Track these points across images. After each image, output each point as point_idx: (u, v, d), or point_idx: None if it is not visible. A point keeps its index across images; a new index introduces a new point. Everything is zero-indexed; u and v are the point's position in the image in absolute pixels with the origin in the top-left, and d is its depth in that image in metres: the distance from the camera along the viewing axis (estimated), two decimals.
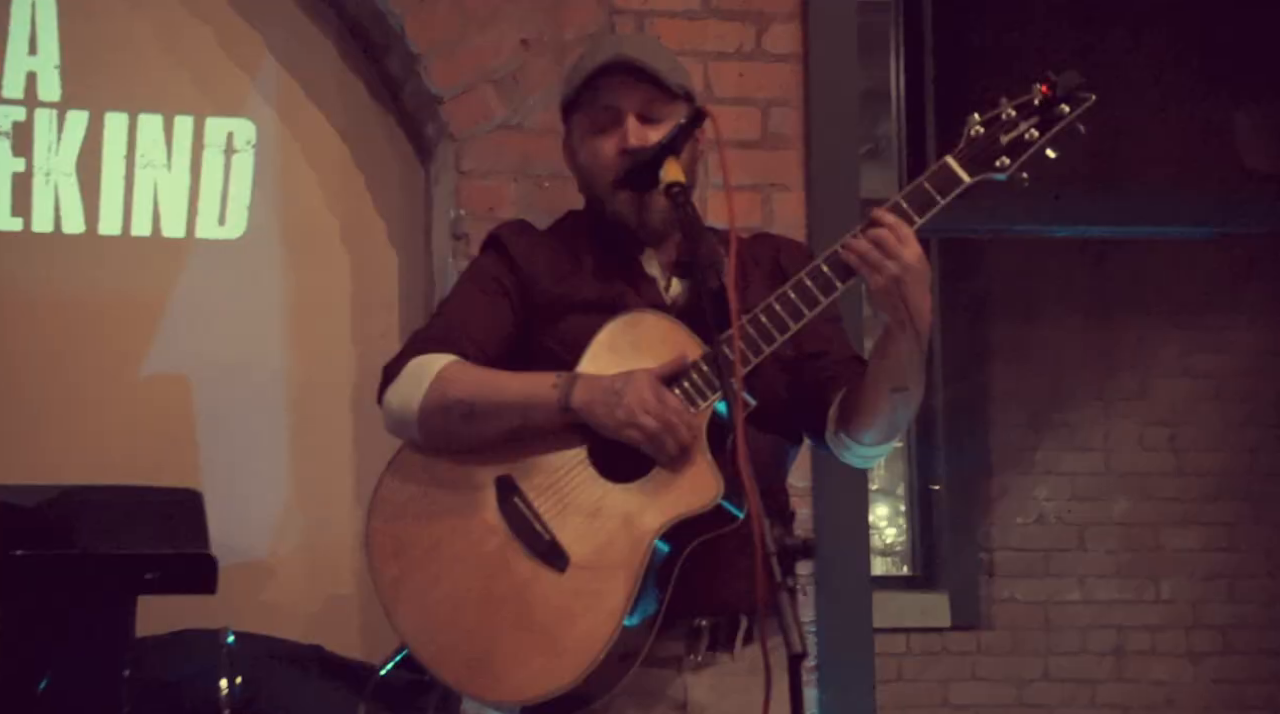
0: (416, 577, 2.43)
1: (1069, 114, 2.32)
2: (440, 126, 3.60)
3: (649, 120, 2.47)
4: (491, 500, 2.42)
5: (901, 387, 2.37)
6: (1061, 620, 5.87)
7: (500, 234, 2.60)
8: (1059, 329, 5.99)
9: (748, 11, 3.74)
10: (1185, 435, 5.99)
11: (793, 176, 3.74)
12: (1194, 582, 5.92)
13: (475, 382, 2.43)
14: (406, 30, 3.55)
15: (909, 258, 2.27)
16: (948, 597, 5.85)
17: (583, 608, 2.35)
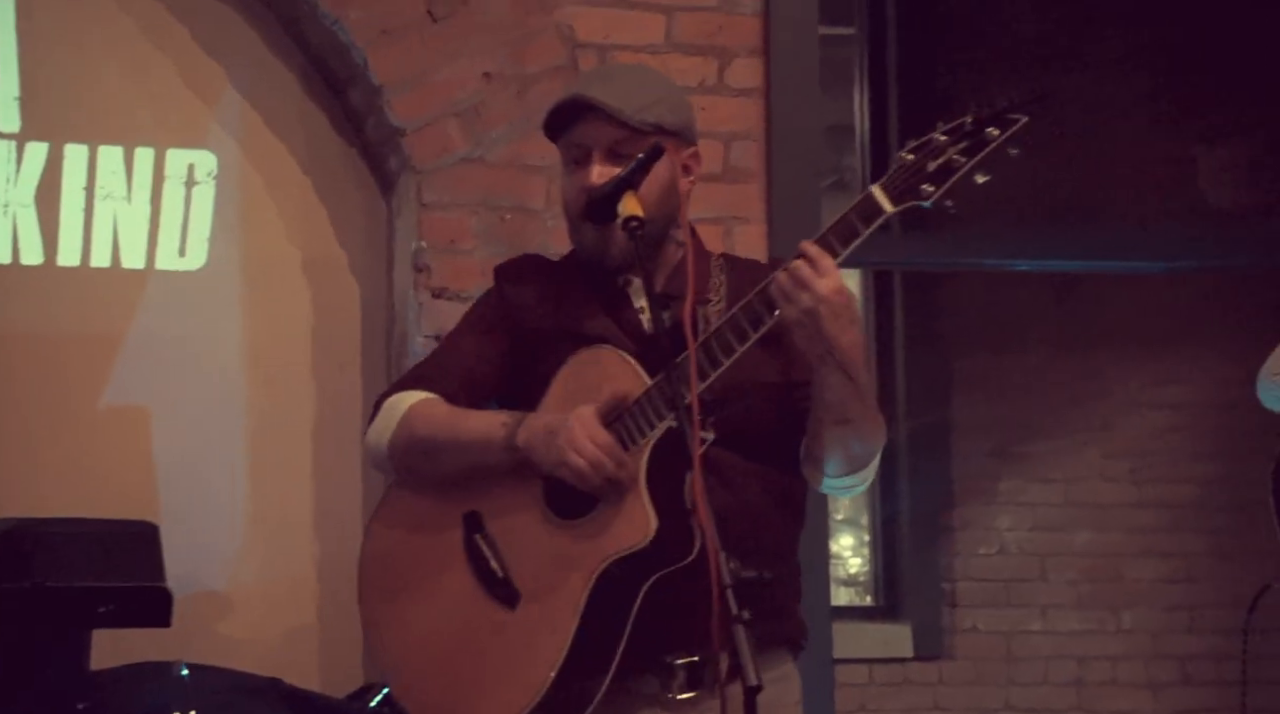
0: (395, 616, 2.53)
1: (998, 137, 2.28)
2: (402, 159, 3.61)
3: (618, 157, 2.50)
4: (459, 537, 2.48)
5: (842, 420, 2.37)
6: (1023, 651, 5.89)
7: (498, 270, 2.68)
8: (1022, 361, 6.02)
9: (710, 46, 3.77)
10: (1146, 467, 6.02)
11: (754, 209, 3.77)
12: (1154, 613, 5.94)
13: (436, 420, 2.51)
14: (369, 64, 3.56)
15: (823, 289, 2.26)
16: (910, 627, 5.86)
17: (525, 648, 2.38)
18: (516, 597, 2.42)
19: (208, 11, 3.66)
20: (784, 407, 2.50)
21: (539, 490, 2.44)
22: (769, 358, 2.49)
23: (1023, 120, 2.29)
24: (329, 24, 3.56)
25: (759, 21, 3.78)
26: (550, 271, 2.65)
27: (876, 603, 6.07)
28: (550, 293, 2.59)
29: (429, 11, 3.60)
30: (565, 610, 2.36)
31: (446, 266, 3.58)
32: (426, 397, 2.56)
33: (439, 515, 2.52)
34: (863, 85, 6.13)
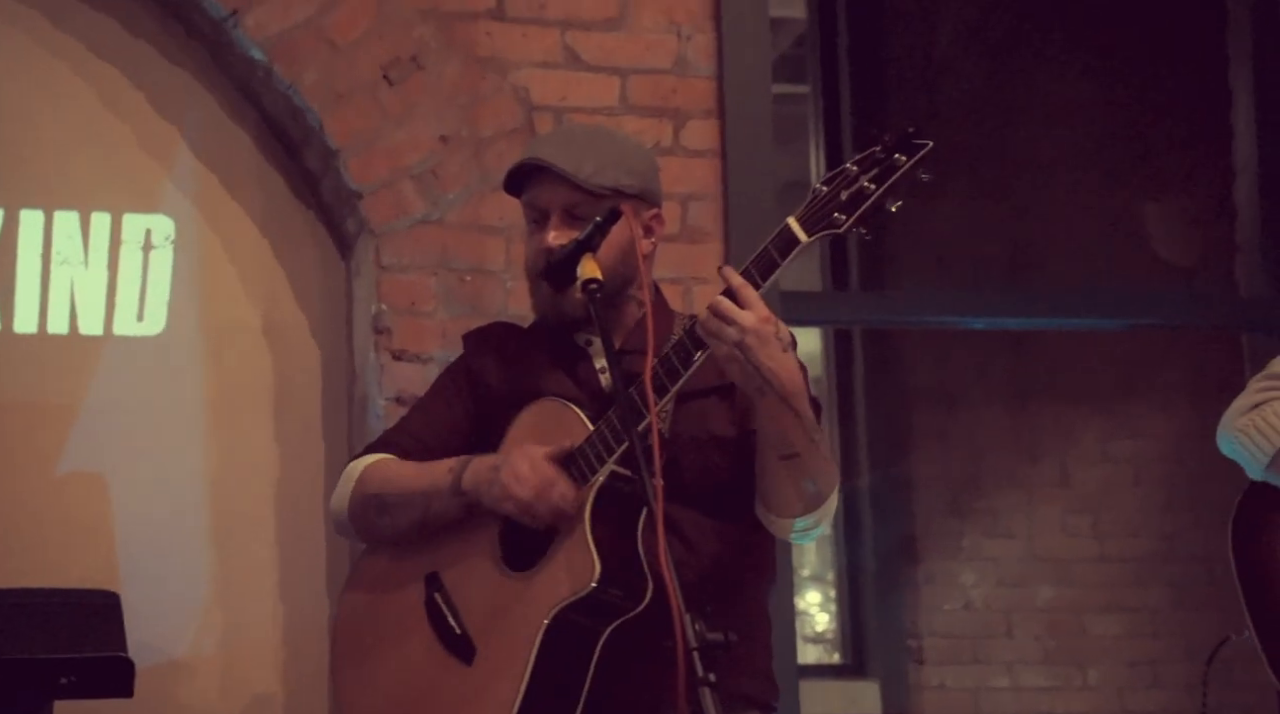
0: (362, 681, 2.55)
1: (905, 163, 2.31)
2: (360, 221, 3.61)
3: (576, 218, 2.53)
4: (421, 598, 2.48)
5: (789, 454, 2.37)
6: (991, 708, 5.89)
7: (465, 338, 2.74)
8: (980, 416, 6.05)
9: (665, 108, 3.79)
10: (1106, 521, 6.05)
11: (712, 269, 3.77)
12: (1119, 668, 5.95)
13: (386, 476, 2.54)
14: (325, 126, 3.57)
15: (749, 321, 2.26)
16: (878, 684, 5.85)
17: (481, 700, 2.39)
18: (473, 651, 2.42)
19: (162, 75, 3.66)
20: (740, 458, 2.51)
21: (494, 540, 2.45)
22: (723, 409, 2.50)
23: (928, 145, 2.33)
24: (283, 88, 3.57)
25: (713, 84, 3.81)
26: (517, 337, 2.68)
27: (844, 660, 6.06)
28: (513, 357, 2.62)
29: (384, 75, 3.61)
30: (516, 662, 2.35)
31: (407, 328, 3.57)
32: (382, 457, 2.60)
33: (403, 579, 2.54)
34: (818, 141, 6.19)
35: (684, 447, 2.46)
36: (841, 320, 5.12)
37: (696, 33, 3.81)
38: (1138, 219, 6.12)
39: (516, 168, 2.59)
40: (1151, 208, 6.12)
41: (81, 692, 2.79)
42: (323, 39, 3.57)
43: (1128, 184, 6.10)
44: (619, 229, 2.50)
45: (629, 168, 2.57)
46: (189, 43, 3.68)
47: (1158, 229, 6.11)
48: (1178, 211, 6.06)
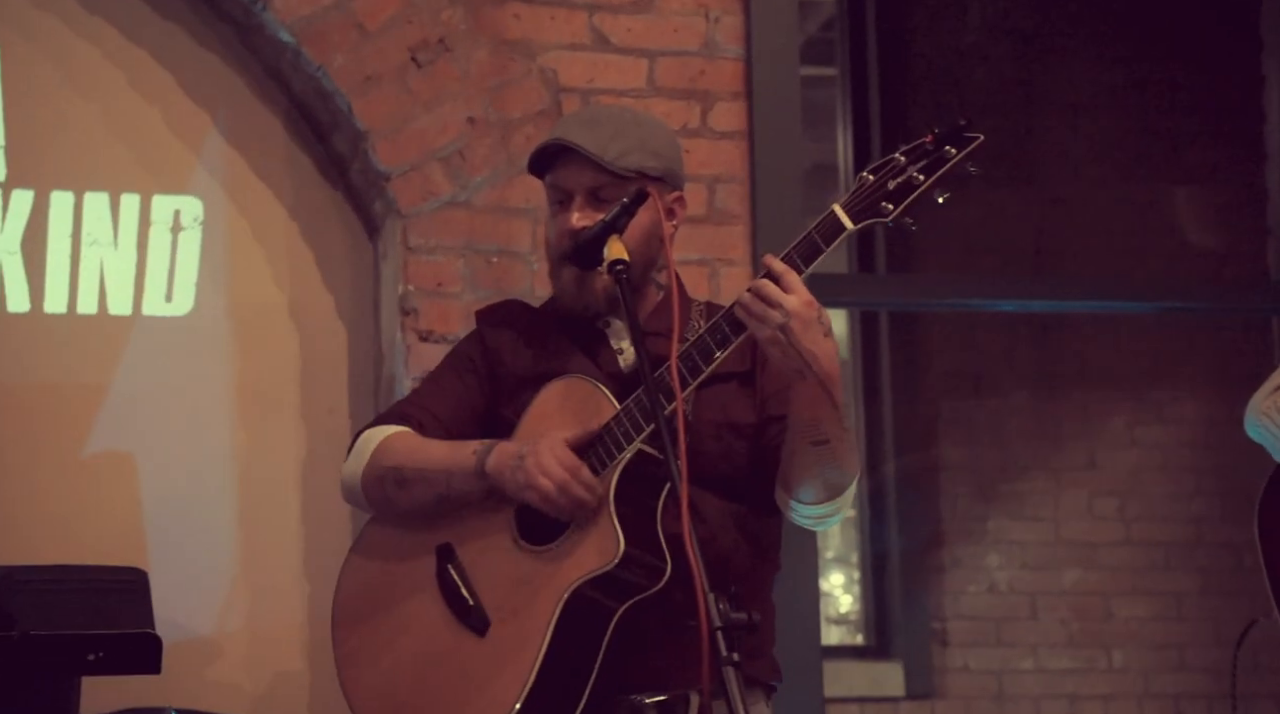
0: (368, 648, 2.54)
1: (955, 155, 2.31)
2: (388, 204, 3.63)
3: (600, 201, 2.53)
4: (432, 569, 2.49)
5: (821, 439, 2.37)
6: (1015, 690, 5.88)
7: (480, 314, 2.73)
8: (1007, 401, 6.04)
9: (693, 90, 3.79)
10: (1133, 506, 6.03)
11: (739, 251, 3.79)
12: (1145, 651, 5.94)
13: (407, 450, 2.53)
14: (353, 110, 3.58)
15: (793, 305, 2.27)
16: (902, 666, 5.86)
17: (496, 673, 2.40)
18: (486, 623, 2.43)
19: (192, 58, 3.68)
20: (758, 445, 2.52)
21: (510, 519, 2.46)
22: (744, 396, 2.51)
23: (979, 139, 2.33)
24: (312, 71, 3.58)
25: (741, 65, 3.81)
26: (530, 316, 2.68)
27: (867, 642, 6.07)
28: (529, 337, 2.62)
29: (413, 58, 3.63)
30: (534, 635, 2.36)
31: (433, 310, 3.59)
32: (399, 430, 2.59)
33: (412, 549, 2.53)
34: (845, 125, 6.18)
35: (705, 431, 2.47)
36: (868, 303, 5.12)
37: (724, 14, 3.81)
38: (1167, 207, 6.10)
39: (541, 149, 2.59)
40: (1181, 195, 6.10)
41: (109, 668, 2.81)
42: (352, 22, 3.59)
43: (1157, 172, 6.08)
44: (644, 211, 2.51)
45: (654, 150, 2.57)
46: (218, 26, 3.70)
47: (1187, 217, 6.09)
48: (1207, 199, 6.04)
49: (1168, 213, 6.10)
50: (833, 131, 6.28)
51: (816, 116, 6.22)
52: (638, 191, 2.50)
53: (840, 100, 6.26)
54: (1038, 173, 5.99)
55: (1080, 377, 6.09)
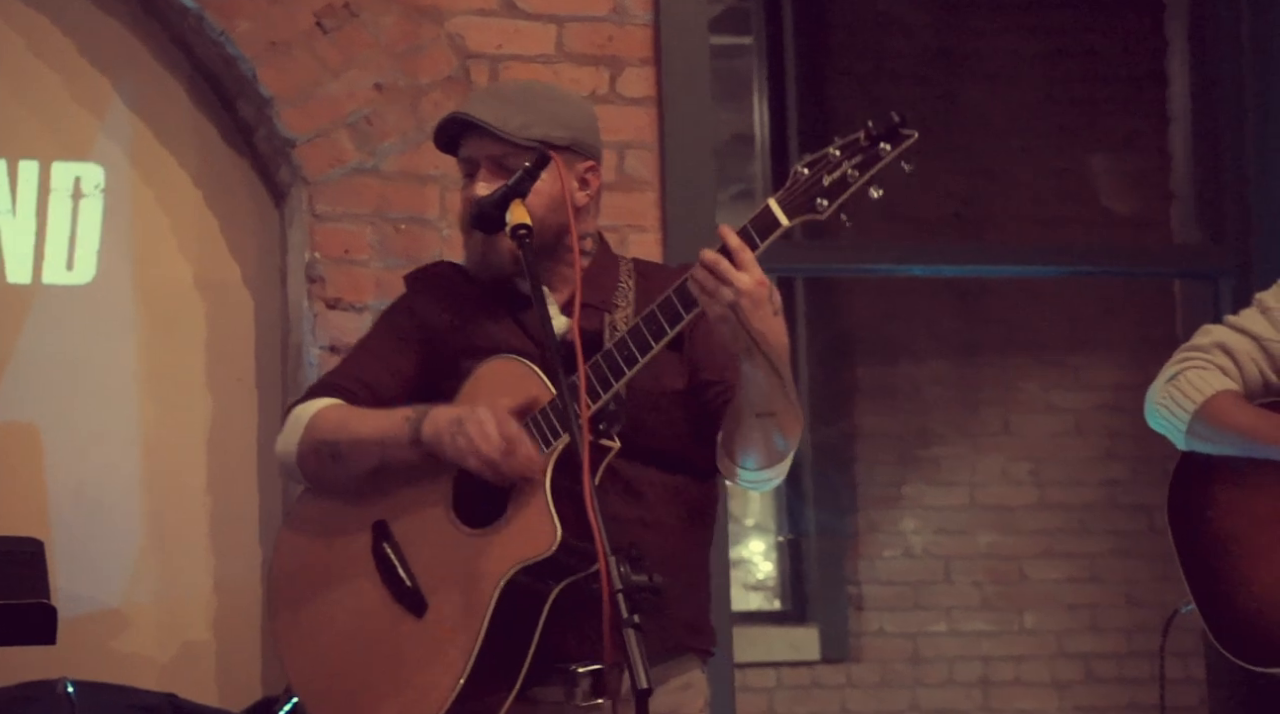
0: (305, 628, 2.53)
1: (890, 152, 2.33)
2: (294, 171, 3.60)
3: (505, 169, 2.53)
4: (368, 546, 2.48)
5: (766, 412, 2.39)
6: (929, 653, 5.95)
7: (409, 279, 2.72)
8: (923, 367, 6.09)
9: (601, 56, 3.78)
10: (1048, 470, 6.11)
11: (649, 218, 3.79)
12: (1057, 613, 6.02)
13: (340, 422, 2.52)
14: (259, 76, 3.55)
15: (745, 283, 2.29)
16: (817, 631, 5.91)
17: (433, 655, 2.40)
18: (424, 605, 2.43)
19: (92, 23, 3.63)
20: (693, 412, 2.54)
21: (447, 495, 2.45)
22: (673, 361, 2.52)
23: (914, 136, 2.35)
24: (216, 36, 3.55)
25: (650, 31, 3.80)
26: (462, 279, 2.66)
27: (784, 607, 6.11)
28: (459, 303, 2.61)
29: (318, 23, 3.59)
30: (472, 619, 2.37)
31: (341, 277, 3.57)
32: (332, 402, 2.56)
33: (347, 525, 2.52)
34: (762, 94, 6.18)
35: (641, 404, 2.48)
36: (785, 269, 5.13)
37: None
38: (1084, 174, 6.16)
39: (443, 125, 2.59)
40: (1098, 161, 6.16)
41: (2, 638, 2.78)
42: None
43: (1075, 139, 6.13)
44: (550, 179, 2.51)
45: (560, 121, 2.57)
46: None
47: (1104, 183, 6.15)
48: (1123, 165, 6.10)
49: (1085, 180, 6.15)
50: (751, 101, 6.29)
51: (735, 86, 6.22)
52: (539, 156, 2.50)
53: (756, 69, 6.25)
54: (957, 140, 6.03)
55: (997, 342, 6.15)
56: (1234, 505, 2.85)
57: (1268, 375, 2.88)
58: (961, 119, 6.04)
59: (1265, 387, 2.89)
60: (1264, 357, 2.87)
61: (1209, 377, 2.86)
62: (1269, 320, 2.88)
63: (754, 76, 6.25)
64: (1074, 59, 6.12)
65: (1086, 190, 6.15)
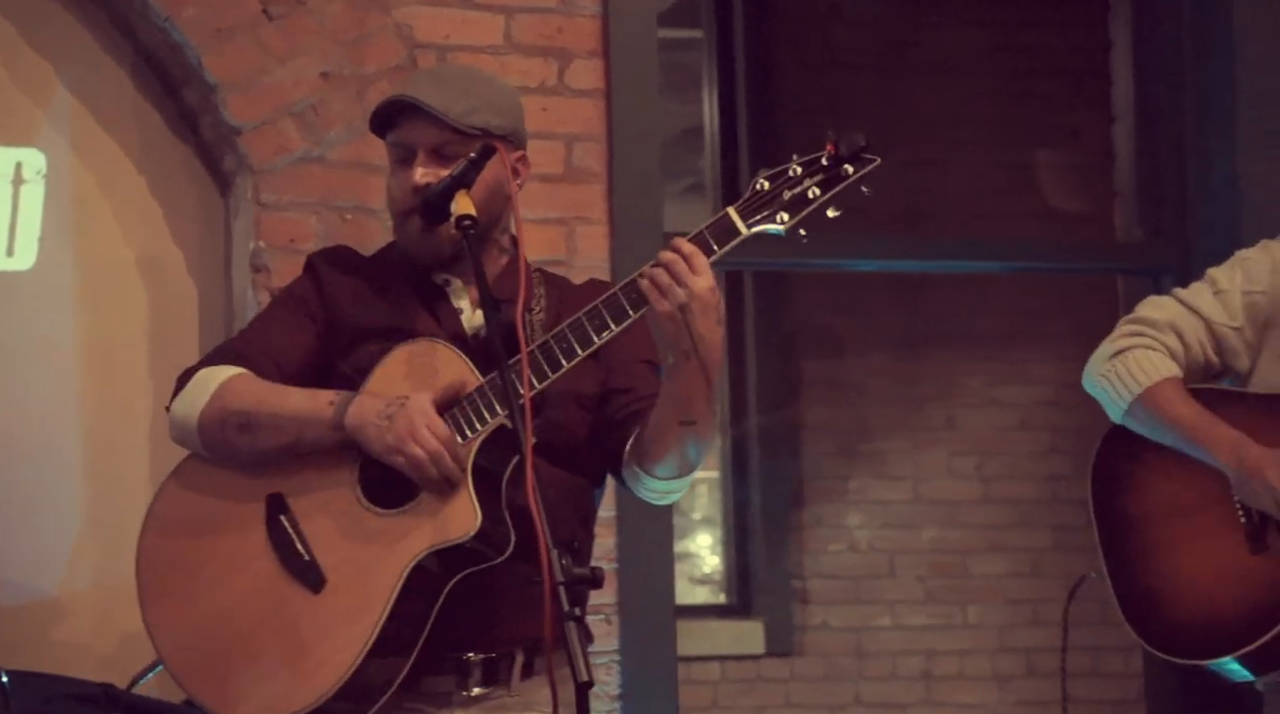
0: (180, 593, 2.49)
1: (851, 175, 2.40)
2: (239, 159, 3.58)
3: (443, 158, 2.54)
4: (261, 518, 2.46)
5: (689, 420, 2.42)
6: (873, 646, 5.98)
7: (313, 259, 2.68)
8: (869, 361, 6.12)
9: (550, 48, 3.78)
10: (991, 465, 6.15)
11: (597, 210, 3.79)
12: (1000, 607, 6.06)
13: (255, 394, 2.48)
14: (204, 63, 3.53)
15: (699, 287, 2.32)
16: (762, 624, 5.93)
17: (331, 632, 2.38)
18: (322, 581, 2.40)
19: (35, 8, 3.59)
20: (598, 417, 2.56)
21: (353, 475, 2.44)
22: (591, 368, 2.52)
23: (876, 162, 2.42)
24: (160, 22, 3.52)
25: (598, 23, 3.80)
26: (366, 265, 2.66)
27: (730, 601, 6.13)
28: (368, 287, 2.60)
29: (264, 10, 3.58)
30: (375, 598, 2.35)
31: (286, 267, 3.55)
32: (241, 372, 2.53)
33: (239, 492, 2.48)
34: (711, 88, 6.19)
35: (555, 403, 2.48)
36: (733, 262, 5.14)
37: None
38: (1031, 170, 6.19)
39: (386, 105, 2.58)
40: (1044, 157, 6.20)
41: None
42: None
43: (1022, 135, 6.17)
44: (490, 169, 2.51)
45: (500, 109, 2.58)
46: None
47: (1048, 178, 6.19)
48: (1069, 161, 6.14)
49: (1032, 175, 6.19)
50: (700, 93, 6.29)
51: (685, 79, 6.23)
52: (485, 147, 2.50)
53: (706, 63, 6.26)
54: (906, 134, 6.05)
55: (943, 337, 6.18)
56: (1155, 488, 2.87)
57: (1210, 357, 2.90)
58: (909, 113, 6.07)
59: (1206, 366, 2.91)
60: (1210, 338, 2.89)
61: (1156, 359, 2.87)
62: (1220, 302, 2.89)
63: (704, 70, 6.26)
64: (1022, 54, 6.15)
65: (1033, 186, 6.18)
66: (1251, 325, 2.87)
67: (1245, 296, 2.88)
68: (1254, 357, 2.88)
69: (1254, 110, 3.93)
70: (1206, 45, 4.01)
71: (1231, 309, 2.88)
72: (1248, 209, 3.89)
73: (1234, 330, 2.88)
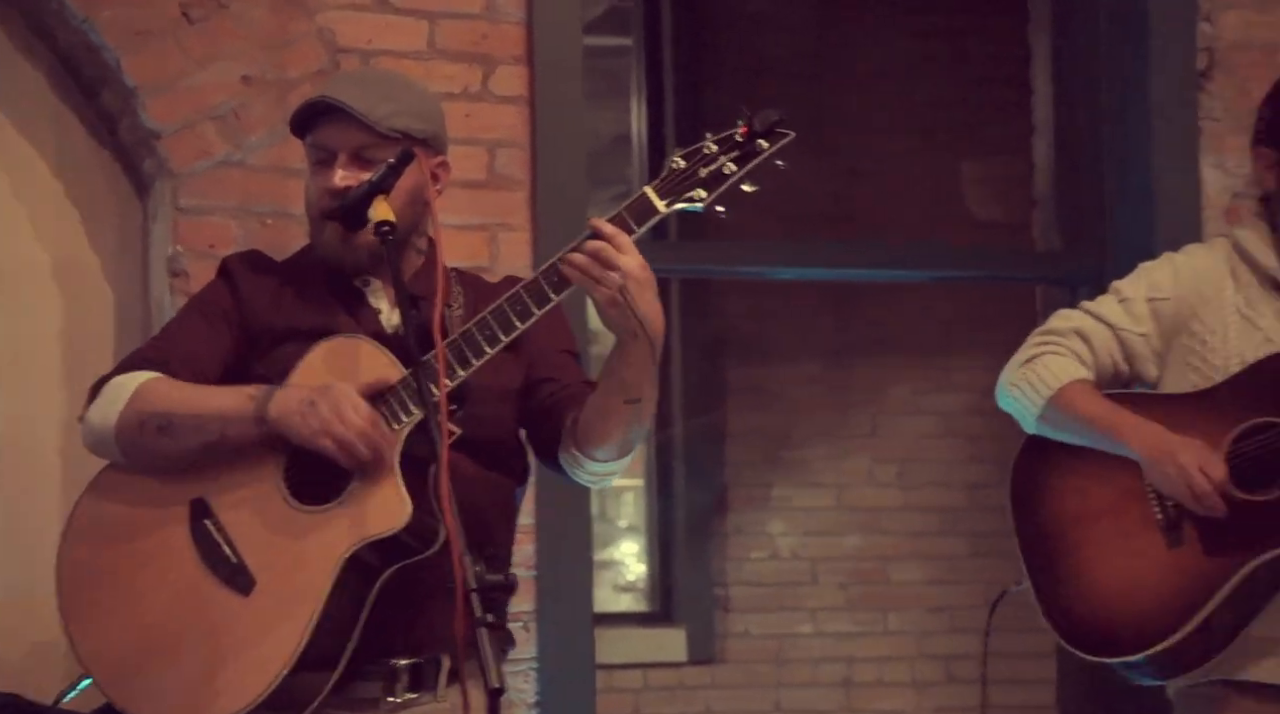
0: (103, 604, 2.46)
1: (767, 149, 2.41)
2: (159, 163, 3.56)
3: (364, 161, 2.53)
4: (184, 523, 2.44)
5: (635, 398, 2.43)
6: (794, 654, 6.01)
7: (228, 263, 2.67)
8: (794, 369, 6.15)
9: (474, 54, 3.78)
10: (913, 472, 6.19)
11: (520, 217, 3.79)
12: (919, 614, 6.11)
13: (174, 395, 2.47)
14: (123, 65, 3.50)
15: (630, 266, 2.34)
16: (684, 631, 5.94)
17: (264, 630, 2.37)
18: (251, 583, 2.39)
19: None
20: (523, 409, 2.56)
21: (277, 474, 2.42)
22: (511, 361, 2.53)
23: (790, 135, 2.43)
24: (78, 24, 3.49)
25: (523, 30, 3.80)
26: (280, 270, 2.65)
27: (652, 608, 6.14)
28: (285, 290, 2.59)
29: (184, 14, 3.55)
30: (308, 596, 2.35)
31: (205, 272, 3.47)
32: (156, 375, 2.51)
33: (160, 499, 2.46)
34: (640, 95, 6.20)
35: (477, 398, 2.48)
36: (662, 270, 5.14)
37: None
38: (959, 178, 6.24)
39: (308, 106, 2.57)
40: (966, 166, 6.25)
41: None
42: None
43: (950, 143, 6.22)
44: (410, 174, 2.51)
45: (420, 113, 2.59)
46: None
47: (971, 187, 6.24)
48: (996, 170, 6.19)
49: (956, 184, 6.24)
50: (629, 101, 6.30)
51: (615, 87, 6.24)
52: (404, 152, 2.50)
53: (635, 70, 6.27)
54: (835, 141, 6.09)
55: (867, 344, 6.22)
56: (1073, 492, 2.91)
57: (1119, 364, 2.94)
58: (836, 120, 6.11)
59: (1115, 375, 2.94)
60: (1118, 346, 2.93)
61: (1065, 363, 2.91)
62: (1125, 310, 2.94)
63: (633, 78, 6.27)
64: (948, 63, 6.21)
65: (958, 195, 6.23)
66: (1158, 332, 2.91)
67: (1150, 304, 2.93)
68: (1162, 364, 2.92)
69: (1167, 122, 3.98)
70: (1122, 56, 4.05)
71: (1137, 316, 2.92)
72: (1162, 220, 3.94)
73: (1140, 336, 2.92)
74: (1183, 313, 2.90)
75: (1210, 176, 3.99)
